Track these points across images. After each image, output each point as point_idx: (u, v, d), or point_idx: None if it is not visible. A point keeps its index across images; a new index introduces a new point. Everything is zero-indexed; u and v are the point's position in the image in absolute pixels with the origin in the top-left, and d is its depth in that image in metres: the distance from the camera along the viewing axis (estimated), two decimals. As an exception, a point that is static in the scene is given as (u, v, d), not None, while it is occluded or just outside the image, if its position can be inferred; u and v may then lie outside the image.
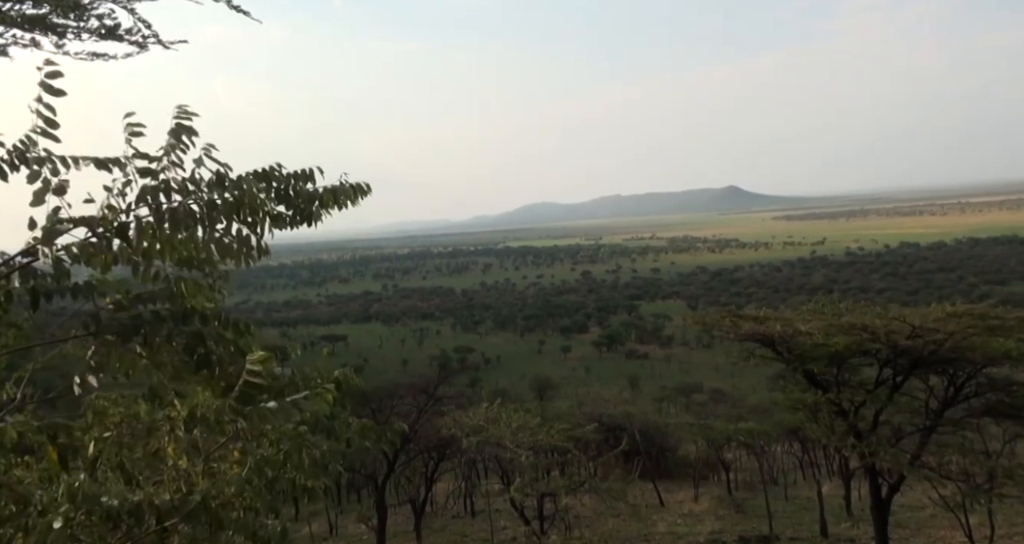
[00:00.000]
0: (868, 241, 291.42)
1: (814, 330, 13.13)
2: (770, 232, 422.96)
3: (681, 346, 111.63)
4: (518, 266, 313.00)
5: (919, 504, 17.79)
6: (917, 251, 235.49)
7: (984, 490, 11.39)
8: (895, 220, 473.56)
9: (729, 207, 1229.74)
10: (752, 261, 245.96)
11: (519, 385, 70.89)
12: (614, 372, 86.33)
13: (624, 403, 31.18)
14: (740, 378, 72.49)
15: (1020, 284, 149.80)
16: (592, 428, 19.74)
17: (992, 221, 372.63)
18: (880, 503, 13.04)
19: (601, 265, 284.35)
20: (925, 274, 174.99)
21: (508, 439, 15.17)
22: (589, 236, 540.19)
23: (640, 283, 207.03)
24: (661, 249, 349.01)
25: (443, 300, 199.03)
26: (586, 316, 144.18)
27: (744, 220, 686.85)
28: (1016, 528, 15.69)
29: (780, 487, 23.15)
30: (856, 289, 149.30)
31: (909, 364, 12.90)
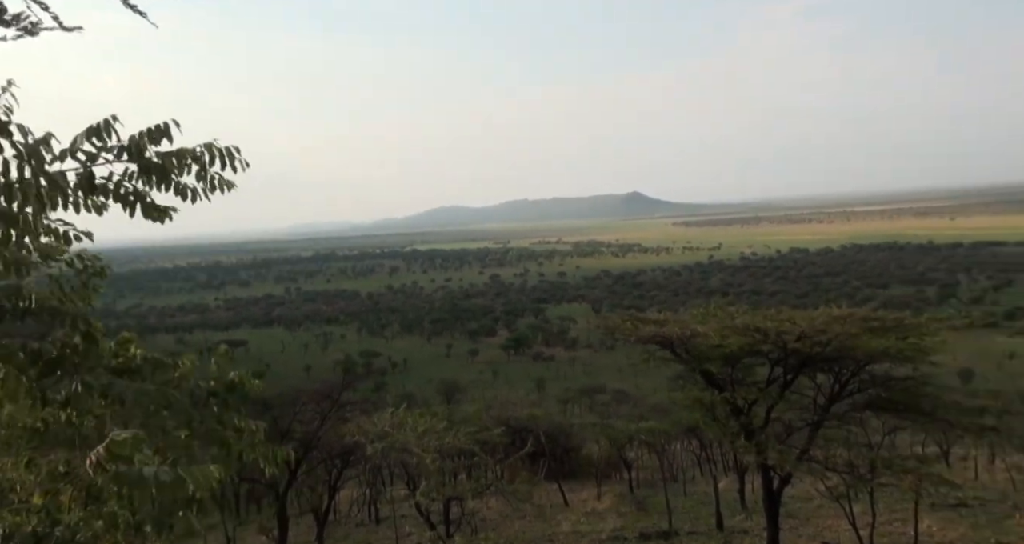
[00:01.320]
0: (761, 247, 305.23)
1: (710, 332, 13.61)
2: (671, 237, 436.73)
3: (586, 348, 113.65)
4: (426, 269, 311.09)
5: (808, 495, 18.73)
6: (806, 256, 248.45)
7: (866, 480, 12.08)
8: (786, 227, 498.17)
9: (632, 213, 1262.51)
10: (654, 265, 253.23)
11: (426, 389, 70.44)
12: (521, 374, 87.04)
13: (531, 405, 31.43)
14: (642, 379, 74.43)
15: (900, 287, 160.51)
16: (499, 431, 19.78)
17: (874, 229, 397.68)
18: (771, 496, 13.65)
19: (509, 269, 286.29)
20: (813, 278, 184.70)
21: (414, 444, 15.01)
22: (497, 240, 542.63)
23: (547, 287, 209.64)
24: (567, 253, 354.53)
25: (348, 304, 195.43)
26: (494, 319, 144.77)
27: (646, 226, 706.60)
28: (895, 514, 16.73)
29: (679, 483, 23.87)
30: (750, 292, 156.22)
31: (798, 363, 13.55)
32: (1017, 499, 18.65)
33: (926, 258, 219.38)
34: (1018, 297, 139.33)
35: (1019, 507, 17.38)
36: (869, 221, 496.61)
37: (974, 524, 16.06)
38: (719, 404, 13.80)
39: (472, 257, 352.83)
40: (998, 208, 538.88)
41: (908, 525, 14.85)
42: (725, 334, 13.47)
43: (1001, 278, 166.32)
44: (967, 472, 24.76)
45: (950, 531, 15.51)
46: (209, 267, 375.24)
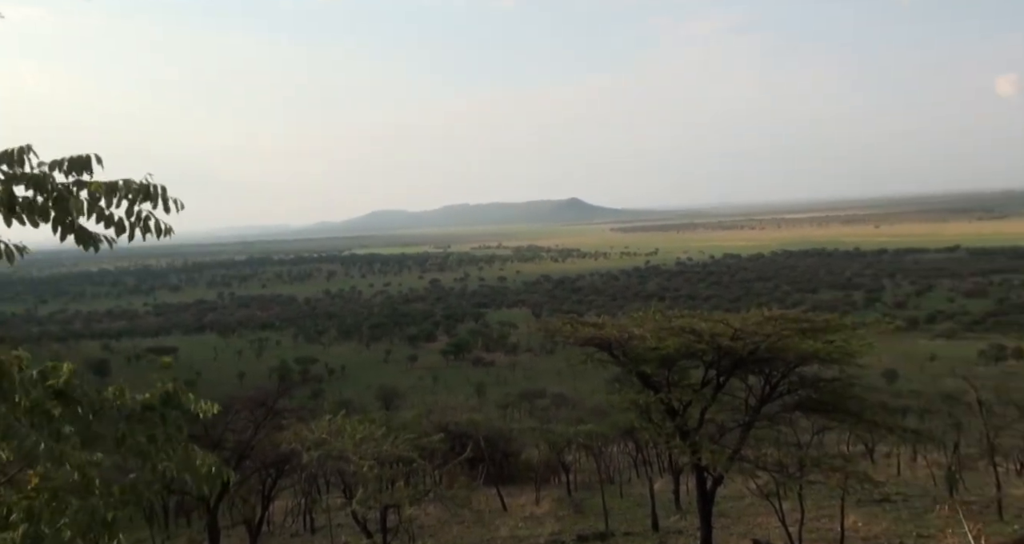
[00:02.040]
0: (696, 252, 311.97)
1: (647, 334, 13.82)
2: (608, 243, 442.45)
3: (526, 353, 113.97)
4: (364, 274, 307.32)
5: (739, 494, 19.16)
6: (739, 262, 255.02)
7: (796, 478, 12.43)
8: (720, 233, 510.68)
9: (571, 218, 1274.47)
10: (592, 270, 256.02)
11: (364, 395, 69.45)
12: (461, 380, 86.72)
13: (470, 410, 31.36)
14: (581, 382, 75.01)
15: (828, 292, 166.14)
16: (438, 437, 19.64)
17: (803, 235, 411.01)
18: (705, 496, 13.92)
19: (449, 273, 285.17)
20: (746, 283, 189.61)
21: (351, 451, 14.78)
22: (437, 244, 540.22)
23: (487, 291, 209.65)
24: (507, 258, 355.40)
25: (284, 309, 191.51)
26: (434, 324, 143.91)
27: (585, 231, 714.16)
28: (823, 511, 17.27)
29: (616, 485, 24.14)
30: (685, 296, 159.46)
31: (731, 365, 13.87)
32: (937, 493, 19.48)
33: (853, 264, 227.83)
34: (938, 301, 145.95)
35: (939, 501, 18.16)
36: (799, 228, 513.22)
37: (897, 518, 16.70)
38: (655, 406, 14.00)
39: (412, 262, 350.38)
40: (920, 217, 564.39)
41: (835, 521, 15.33)
42: (661, 336, 13.71)
43: (923, 283, 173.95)
44: (890, 469, 25.78)
45: (874, 526, 16.09)
46: (138, 271, 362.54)
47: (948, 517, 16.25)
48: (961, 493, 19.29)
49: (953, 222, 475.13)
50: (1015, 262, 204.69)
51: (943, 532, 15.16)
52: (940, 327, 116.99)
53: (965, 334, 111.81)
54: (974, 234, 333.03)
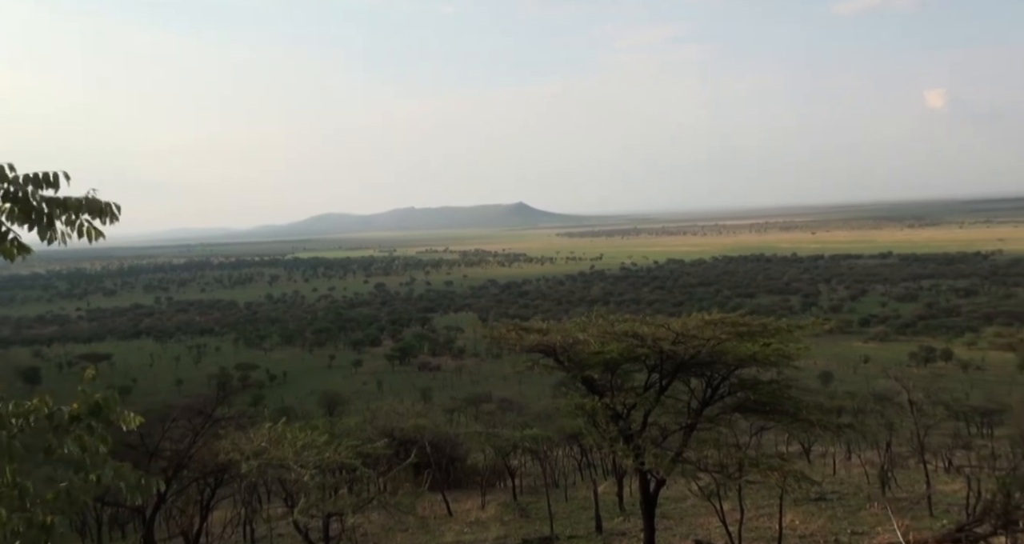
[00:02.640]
0: (640, 257, 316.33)
1: (591, 339, 13.96)
2: (554, 248, 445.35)
3: (472, 357, 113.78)
4: (308, 278, 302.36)
5: (682, 496, 19.47)
6: (681, 267, 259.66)
7: (735, 479, 12.69)
8: (663, 239, 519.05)
9: (517, 223, 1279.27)
10: (538, 275, 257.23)
11: (307, 402, 68.34)
12: (407, 385, 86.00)
13: (416, 416, 31.09)
14: (527, 387, 75.31)
15: (766, 296, 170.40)
16: (383, 443, 19.44)
17: (743, 242, 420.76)
18: (648, 498, 14.10)
19: (395, 277, 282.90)
20: (688, 287, 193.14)
21: (292, 460, 14.49)
22: (383, 248, 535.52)
23: (434, 296, 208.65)
24: (454, 262, 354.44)
25: (224, 314, 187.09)
26: (379, 329, 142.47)
27: (531, 236, 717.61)
28: (762, 510, 17.67)
29: (561, 489, 24.25)
30: (629, 301, 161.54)
31: (673, 368, 14.09)
32: (870, 491, 20.12)
33: (790, 269, 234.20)
34: (871, 306, 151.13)
35: (872, 498, 18.77)
36: (739, 234, 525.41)
37: (832, 516, 17.20)
38: (599, 410, 14.12)
39: (356, 266, 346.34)
40: (855, 224, 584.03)
41: (773, 520, 15.70)
42: (605, 341, 13.86)
43: (857, 288, 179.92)
44: (826, 468, 26.53)
45: (811, 523, 16.53)
46: (71, 274, 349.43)
47: (880, 514, 16.82)
48: (893, 490, 19.97)
49: (886, 229, 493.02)
50: (944, 268, 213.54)
51: (875, 528, 15.68)
52: (873, 330, 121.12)
53: (896, 337, 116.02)
54: (905, 241, 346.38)
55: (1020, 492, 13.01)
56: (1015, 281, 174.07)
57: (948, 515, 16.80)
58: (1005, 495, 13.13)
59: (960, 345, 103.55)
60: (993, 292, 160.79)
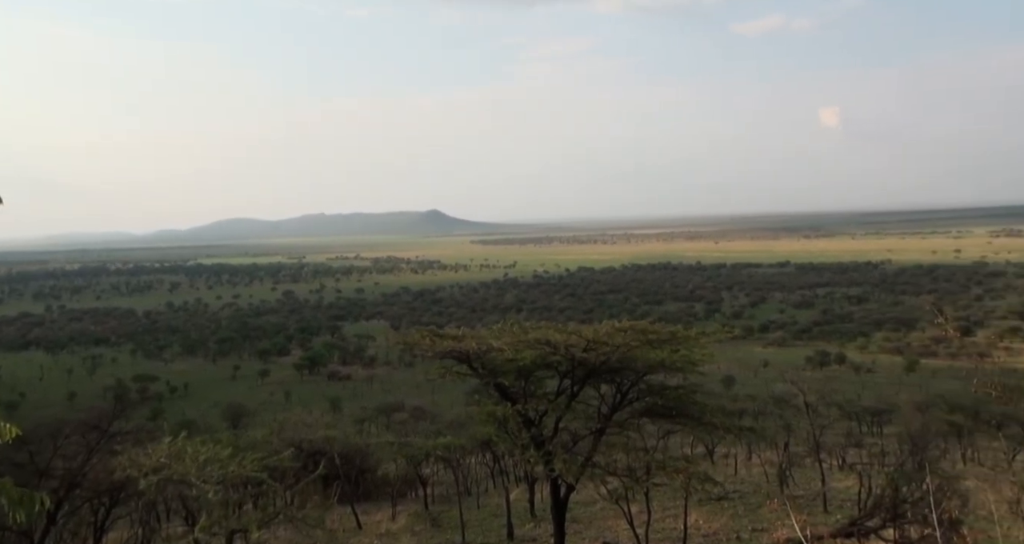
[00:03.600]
0: (552, 265, 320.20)
1: (505, 346, 14.04)
2: (468, 255, 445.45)
3: (384, 366, 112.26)
4: (211, 285, 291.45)
5: (591, 499, 19.77)
6: (592, 275, 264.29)
7: (643, 481, 13.01)
8: (575, 247, 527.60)
9: (431, 230, 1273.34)
10: (452, 282, 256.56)
11: (210, 414, 65.75)
12: (316, 395, 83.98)
13: (325, 426, 30.42)
14: (440, 395, 74.89)
15: (673, 303, 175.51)
16: (289, 455, 18.90)
17: (651, 250, 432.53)
18: (559, 503, 14.27)
19: (304, 285, 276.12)
20: (598, 295, 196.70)
21: (194, 475, 13.90)
22: (291, 254, 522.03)
23: (344, 303, 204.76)
24: (365, 269, 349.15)
25: (121, 323, 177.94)
26: (287, 338, 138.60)
27: (445, 243, 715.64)
28: (668, 511, 18.14)
29: (474, 497, 24.21)
30: (542, 308, 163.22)
31: (584, 375, 14.34)
32: (769, 489, 20.98)
33: (695, 277, 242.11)
34: (771, 312, 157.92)
35: (771, 496, 19.57)
36: (647, 243, 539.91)
37: (734, 514, 17.83)
38: (512, 417, 14.21)
39: (263, 272, 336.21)
40: (755, 234, 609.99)
41: (679, 520, 16.16)
42: (519, 348, 13.97)
43: (757, 295, 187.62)
44: (729, 468, 27.50)
45: (714, 522, 17.10)
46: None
47: (779, 510, 17.56)
48: (791, 488, 20.89)
49: (783, 240, 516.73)
50: (837, 276, 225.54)
51: (775, 525, 16.36)
52: (772, 336, 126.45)
53: (794, 342, 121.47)
54: (802, 251, 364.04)
55: (907, 486, 13.86)
56: (902, 289, 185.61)
57: (842, 510, 17.70)
58: (893, 490, 13.96)
59: (852, 349, 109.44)
60: (882, 299, 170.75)
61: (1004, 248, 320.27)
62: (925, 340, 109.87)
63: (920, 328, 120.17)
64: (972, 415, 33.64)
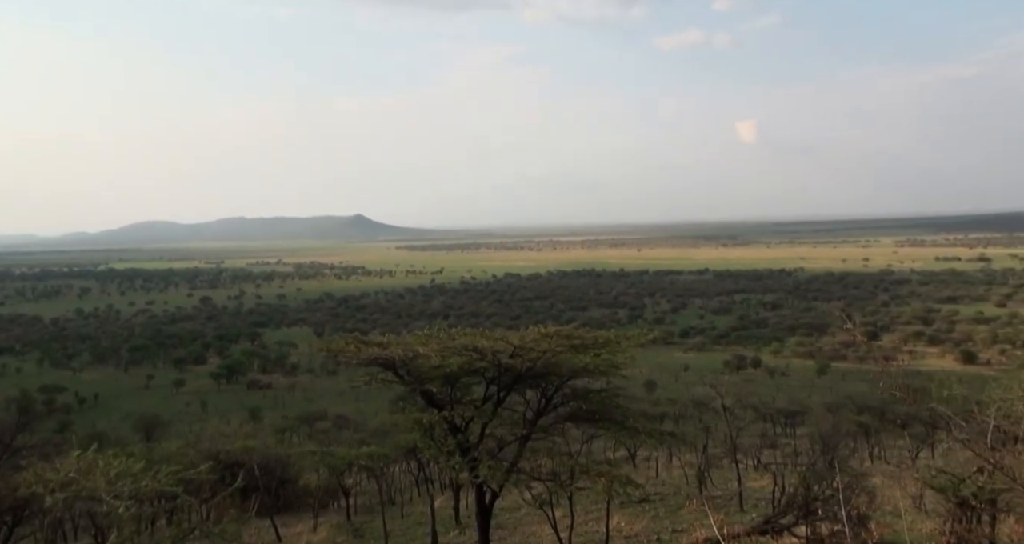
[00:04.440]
0: (479, 271, 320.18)
1: (431, 352, 13.99)
2: (394, 261, 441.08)
3: (306, 374, 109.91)
4: (124, 291, 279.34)
5: (516, 505, 19.86)
6: (519, 281, 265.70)
7: (567, 486, 13.17)
8: (502, 253, 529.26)
9: (356, 235, 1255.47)
10: (377, 288, 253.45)
11: (122, 426, 62.93)
12: (235, 405, 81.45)
13: (244, 437, 29.62)
14: (364, 402, 73.82)
15: (597, 309, 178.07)
16: (206, 467, 18.28)
17: (576, 257, 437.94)
18: (484, 509, 14.29)
19: (223, 290, 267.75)
20: (525, 301, 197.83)
21: (104, 490, 13.29)
22: (210, 259, 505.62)
23: (265, 310, 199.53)
24: (287, 275, 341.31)
25: (26, 330, 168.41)
26: (204, 346, 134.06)
27: (370, 249, 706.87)
28: (591, 515, 18.40)
29: (398, 506, 23.98)
30: (469, 315, 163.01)
31: (511, 380, 14.42)
32: (689, 491, 21.54)
33: (618, 284, 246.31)
34: (691, 318, 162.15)
35: (691, 497, 20.09)
36: (572, 250, 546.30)
37: (655, 516, 18.23)
38: (438, 424, 14.17)
39: (180, 278, 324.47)
40: (676, 242, 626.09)
41: (601, 523, 16.41)
42: (445, 354, 13.94)
43: (678, 301, 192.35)
44: (650, 470, 28.10)
45: (636, 524, 17.43)
46: None
47: (698, 511, 18.04)
48: (709, 489, 21.49)
49: (703, 248, 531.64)
50: (753, 283, 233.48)
51: (694, 525, 16.80)
52: (692, 341, 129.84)
53: (713, 347, 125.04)
54: (720, 259, 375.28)
55: (818, 485, 14.47)
56: (814, 296, 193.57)
57: (757, 508, 18.31)
58: (806, 488, 14.55)
59: (767, 353, 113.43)
60: (795, 305, 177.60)
61: (908, 257, 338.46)
62: (835, 344, 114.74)
63: (831, 333, 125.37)
64: (879, 415, 35.43)
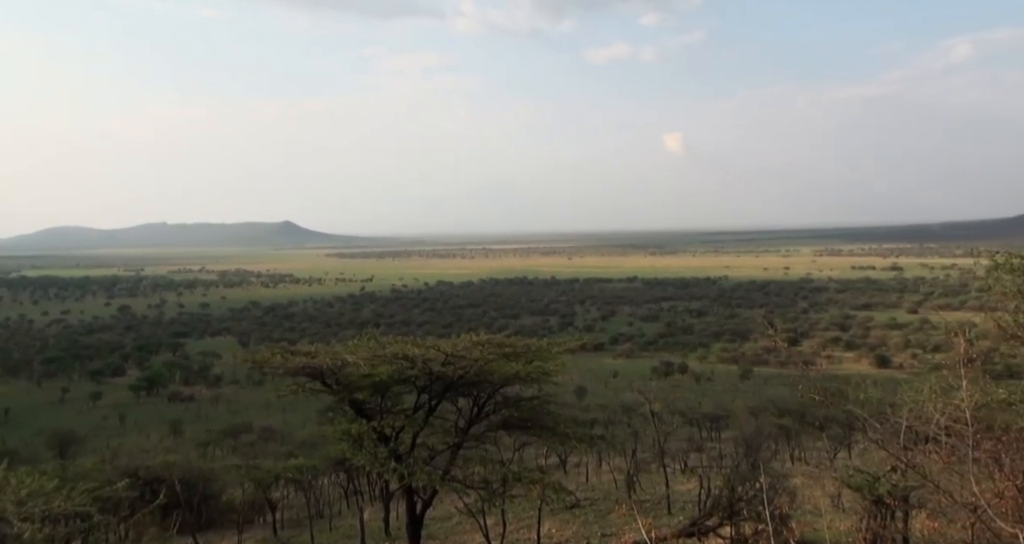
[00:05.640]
0: (411, 279, 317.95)
1: (361, 361, 13.83)
2: (324, 268, 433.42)
3: (231, 385, 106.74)
4: (37, 299, 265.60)
5: (447, 515, 19.76)
6: (451, 289, 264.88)
7: (499, 494, 13.18)
8: (434, 261, 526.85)
9: (284, 242, 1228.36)
10: (306, 296, 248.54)
11: (35, 442, 59.68)
12: (155, 418, 78.37)
13: (165, 452, 28.60)
14: (291, 414, 72.22)
15: (529, 317, 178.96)
16: (124, 484, 17.55)
17: (508, 265, 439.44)
18: (415, 520, 14.18)
19: (143, 299, 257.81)
20: (457, 309, 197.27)
21: (13, 512, 12.60)
22: (129, 266, 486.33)
23: (187, 319, 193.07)
24: (212, 283, 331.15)
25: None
26: (123, 357, 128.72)
27: (299, 256, 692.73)
28: (522, 522, 18.44)
29: (326, 519, 23.53)
30: (400, 323, 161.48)
31: (442, 389, 14.38)
32: (618, 495, 21.84)
33: (550, 291, 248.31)
34: (620, 325, 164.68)
35: (620, 502, 20.38)
36: (505, 258, 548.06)
37: (585, 521, 18.41)
38: (367, 434, 14.01)
39: (97, 286, 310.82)
40: (605, 251, 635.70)
41: (532, 530, 16.46)
42: (375, 363, 13.81)
43: (608, 309, 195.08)
44: (580, 476, 28.39)
45: (566, 530, 17.57)
46: None
47: (627, 515, 18.31)
48: (638, 493, 21.84)
49: (632, 256, 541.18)
50: (680, 291, 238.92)
51: (623, 529, 17.04)
52: (621, 347, 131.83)
53: (641, 353, 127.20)
54: (648, 267, 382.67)
55: (742, 486, 14.89)
56: (738, 303, 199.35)
57: (684, 511, 18.70)
58: (730, 490, 14.95)
59: (694, 359, 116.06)
60: (720, 313, 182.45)
61: (826, 266, 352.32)
62: (758, 350, 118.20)
63: (753, 339, 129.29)
64: (799, 418, 36.62)
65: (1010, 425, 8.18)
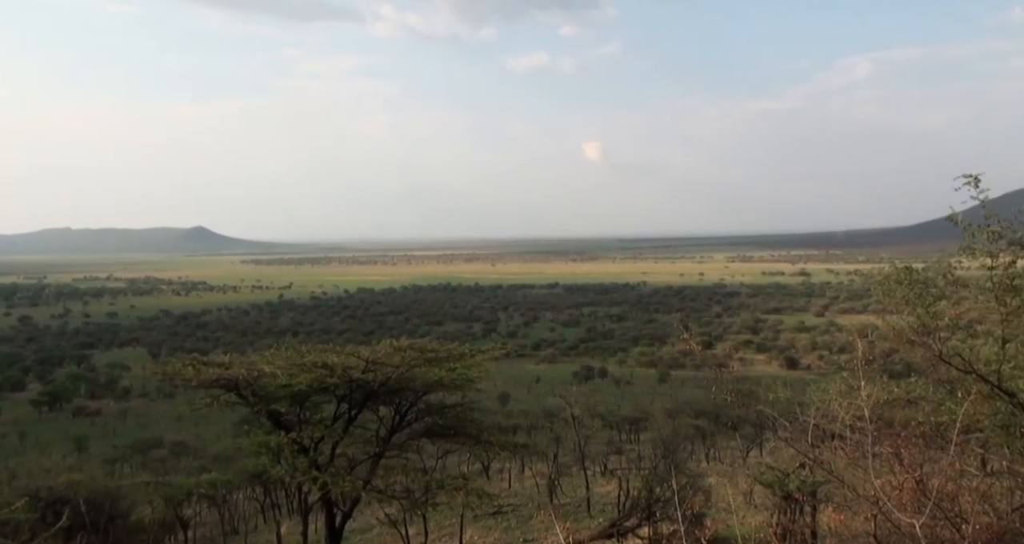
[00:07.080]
0: (331, 286, 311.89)
1: (278, 371, 13.52)
2: (239, 275, 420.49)
3: (140, 398, 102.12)
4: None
5: (368, 526, 19.50)
6: (372, 296, 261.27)
7: (422, 502, 13.10)
8: (354, 268, 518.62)
9: (196, 249, 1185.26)
10: (220, 304, 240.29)
11: (-84, 465, 55.69)
12: (58, 435, 74.14)
13: (69, 470, 27.18)
14: (204, 427, 69.69)
15: (452, 324, 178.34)
16: (22, 504, 16.58)
17: (431, 271, 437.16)
18: (334, 532, 13.94)
19: (45, 309, 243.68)
20: (379, 316, 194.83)
21: None
22: (30, 274, 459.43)
23: (93, 329, 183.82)
24: (119, 291, 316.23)
25: None
26: (23, 370, 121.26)
27: (212, 263, 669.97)
28: (444, 530, 18.39)
29: (242, 535, 22.85)
30: (320, 331, 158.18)
31: (363, 397, 14.19)
32: (540, 500, 22.03)
33: (473, 298, 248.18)
34: (542, 330, 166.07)
35: (541, 506, 20.56)
36: (427, 264, 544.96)
37: (507, 527, 18.50)
38: (287, 446, 13.70)
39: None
40: (528, 257, 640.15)
41: (455, 538, 16.45)
42: (293, 372, 13.52)
43: (530, 315, 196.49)
44: (503, 482, 28.48)
45: (488, 536, 17.62)
46: None
47: (548, 520, 18.50)
48: (559, 497, 22.09)
49: (553, 262, 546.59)
50: (601, 296, 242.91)
51: (544, 534, 17.21)
52: (544, 353, 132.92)
53: (563, 358, 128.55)
54: (569, 273, 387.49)
55: (659, 487, 15.28)
56: (656, 308, 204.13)
57: (604, 513, 19.03)
58: (648, 491, 15.32)
59: (613, 363, 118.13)
60: (639, 317, 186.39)
61: (739, 272, 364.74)
62: (675, 353, 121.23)
63: (670, 343, 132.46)
64: (713, 418, 37.80)
65: (909, 421, 8.69)
